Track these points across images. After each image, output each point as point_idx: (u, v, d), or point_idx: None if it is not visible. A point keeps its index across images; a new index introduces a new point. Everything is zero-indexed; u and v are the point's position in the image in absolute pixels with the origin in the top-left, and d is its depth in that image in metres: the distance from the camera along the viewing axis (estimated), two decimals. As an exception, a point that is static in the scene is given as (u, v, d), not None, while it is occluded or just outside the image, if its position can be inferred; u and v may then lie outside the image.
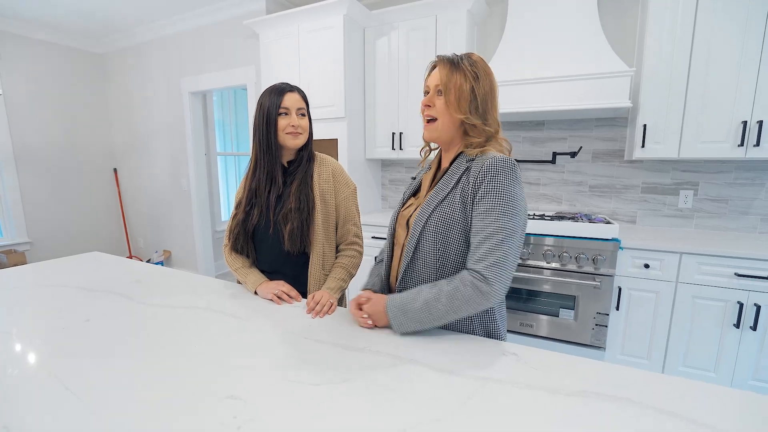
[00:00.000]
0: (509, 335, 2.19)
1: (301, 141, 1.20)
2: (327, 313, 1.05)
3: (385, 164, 3.17)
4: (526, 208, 0.84)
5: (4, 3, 3.10)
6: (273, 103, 1.15)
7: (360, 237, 1.33)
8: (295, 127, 1.17)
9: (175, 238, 4.05)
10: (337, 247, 1.31)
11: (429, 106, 0.91)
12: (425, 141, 0.97)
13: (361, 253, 1.31)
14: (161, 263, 4.07)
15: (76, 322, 0.99)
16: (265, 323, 1.00)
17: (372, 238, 2.56)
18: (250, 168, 1.26)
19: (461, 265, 0.88)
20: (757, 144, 1.87)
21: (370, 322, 0.93)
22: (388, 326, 0.92)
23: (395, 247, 1.02)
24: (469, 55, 0.90)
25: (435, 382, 0.73)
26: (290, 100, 1.17)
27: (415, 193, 1.06)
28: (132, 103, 4.06)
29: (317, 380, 0.73)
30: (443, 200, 0.88)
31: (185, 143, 3.71)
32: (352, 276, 1.27)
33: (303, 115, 1.20)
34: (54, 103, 3.81)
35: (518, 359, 0.82)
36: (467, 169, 0.86)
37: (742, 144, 1.90)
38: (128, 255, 4.44)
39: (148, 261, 4.13)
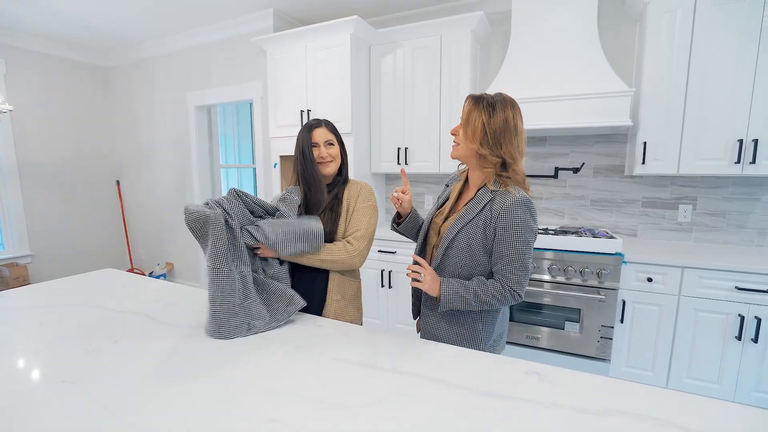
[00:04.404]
0: (516, 348, 2.23)
1: (331, 168, 1.30)
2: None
3: (390, 178, 3.22)
4: (536, 232, 1.06)
5: (13, 17, 3.13)
6: (305, 139, 1.27)
7: (357, 239, 1.25)
8: (324, 157, 1.28)
9: (178, 250, 4.06)
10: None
11: (455, 134, 1.12)
12: (452, 158, 1.16)
13: (348, 251, 1.23)
14: (164, 276, 4.07)
15: (106, 344, 1.01)
16: (291, 345, 1.03)
17: (378, 251, 2.59)
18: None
19: (481, 269, 1.09)
20: (753, 161, 1.94)
21: (420, 280, 1.07)
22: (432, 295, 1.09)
23: (427, 246, 1.23)
24: (494, 95, 1.06)
25: (464, 403, 0.76)
26: (317, 135, 1.28)
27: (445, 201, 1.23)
28: (137, 117, 4.09)
29: (351, 402, 0.76)
30: (470, 222, 1.08)
31: (190, 156, 3.75)
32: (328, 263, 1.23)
33: (331, 144, 1.30)
34: (59, 116, 3.84)
35: (541, 378, 0.85)
36: (491, 199, 1.07)
37: (738, 161, 1.97)
38: (129, 267, 4.43)
39: (150, 274, 4.12)
